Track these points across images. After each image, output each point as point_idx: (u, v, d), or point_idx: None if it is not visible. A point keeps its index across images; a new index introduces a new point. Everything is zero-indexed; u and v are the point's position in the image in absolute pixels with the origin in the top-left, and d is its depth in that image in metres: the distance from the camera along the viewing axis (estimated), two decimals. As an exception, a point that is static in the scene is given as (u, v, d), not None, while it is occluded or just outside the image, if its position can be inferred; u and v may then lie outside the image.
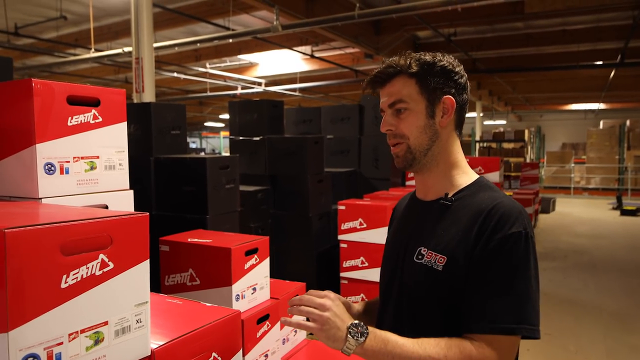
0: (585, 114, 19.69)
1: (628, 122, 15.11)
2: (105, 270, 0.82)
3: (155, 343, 0.93)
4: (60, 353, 0.76)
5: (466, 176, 1.15)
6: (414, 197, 1.24)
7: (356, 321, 0.98)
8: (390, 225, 1.36)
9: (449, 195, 1.11)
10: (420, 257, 1.08)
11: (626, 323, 4.40)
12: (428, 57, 1.11)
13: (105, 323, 0.83)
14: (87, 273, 0.79)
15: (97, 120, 1.21)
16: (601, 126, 15.96)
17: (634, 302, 4.99)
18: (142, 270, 0.89)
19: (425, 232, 1.11)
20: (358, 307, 1.30)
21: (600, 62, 8.80)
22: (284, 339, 1.99)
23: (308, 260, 3.66)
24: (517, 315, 0.95)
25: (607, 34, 7.67)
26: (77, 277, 0.78)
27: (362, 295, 3.30)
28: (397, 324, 1.13)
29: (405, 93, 1.11)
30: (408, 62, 1.11)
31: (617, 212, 11.34)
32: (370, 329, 0.98)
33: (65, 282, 0.76)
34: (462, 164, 1.16)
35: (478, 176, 1.16)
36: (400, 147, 1.13)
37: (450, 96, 1.11)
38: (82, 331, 0.79)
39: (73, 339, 0.78)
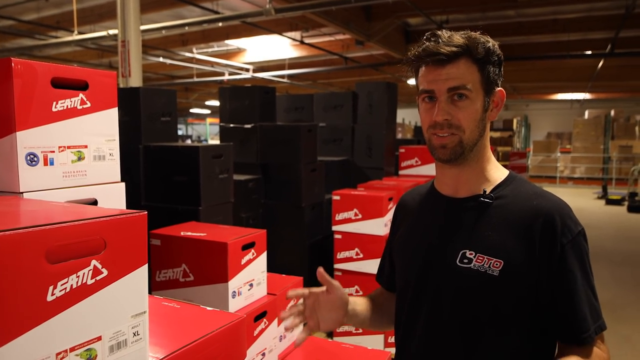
0: (571, 103, 19.81)
1: (612, 112, 15.24)
2: (98, 278, 0.72)
3: (153, 357, 0.83)
4: (47, 375, 0.66)
5: (498, 171, 1.06)
6: (435, 193, 1.12)
7: None
8: (401, 220, 1.23)
9: (487, 192, 1.02)
10: (466, 261, 0.99)
11: (617, 312, 4.42)
12: (489, 43, 1.00)
13: (99, 338, 0.73)
14: (77, 283, 0.69)
15: (85, 106, 1.09)
16: (586, 116, 16.07)
17: (623, 292, 5.02)
18: (140, 277, 0.79)
19: (466, 233, 1.01)
20: (358, 306, 1.20)
21: (590, 52, 8.78)
22: (281, 336, 1.91)
23: (300, 252, 3.58)
24: (600, 311, 0.98)
25: (598, 23, 7.63)
26: (65, 288, 0.67)
27: (356, 287, 3.23)
28: (435, 334, 1.04)
29: (470, 79, 0.97)
30: (474, 44, 0.97)
31: (602, 202, 11.47)
32: None
33: (52, 294, 0.66)
34: (492, 157, 1.07)
35: (508, 170, 1.08)
36: (452, 138, 0.99)
37: (502, 89, 1.03)
38: (72, 349, 0.69)
39: (62, 358, 0.67)
